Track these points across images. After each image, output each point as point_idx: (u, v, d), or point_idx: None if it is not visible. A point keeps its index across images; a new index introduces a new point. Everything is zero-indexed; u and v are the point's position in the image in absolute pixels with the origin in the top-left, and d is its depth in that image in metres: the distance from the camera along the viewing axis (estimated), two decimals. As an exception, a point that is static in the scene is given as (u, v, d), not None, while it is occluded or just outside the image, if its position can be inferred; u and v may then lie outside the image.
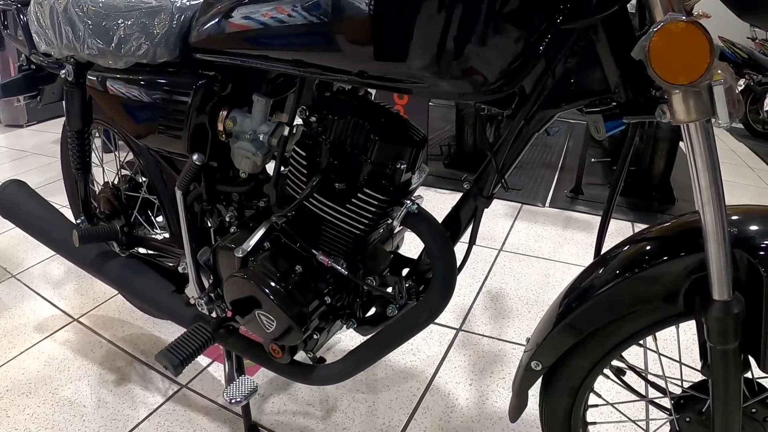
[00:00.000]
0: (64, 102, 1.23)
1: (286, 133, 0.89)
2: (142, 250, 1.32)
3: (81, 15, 1.03)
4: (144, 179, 1.38)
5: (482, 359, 1.50)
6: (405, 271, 1.00)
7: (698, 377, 0.86)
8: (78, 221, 1.33)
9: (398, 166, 0.82)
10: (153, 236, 1.31)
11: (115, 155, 1.40)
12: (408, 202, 0.85)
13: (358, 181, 0.83)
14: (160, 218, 1.43)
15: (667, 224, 0.84)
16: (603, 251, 0.90)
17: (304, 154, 0.85)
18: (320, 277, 0.94)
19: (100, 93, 1.07)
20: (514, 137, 0.78)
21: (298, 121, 0.90)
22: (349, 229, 0.87)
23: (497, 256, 2.08)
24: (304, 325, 0.91)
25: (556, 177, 3.05)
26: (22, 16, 1.24)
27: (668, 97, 0.63)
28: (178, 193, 0.97)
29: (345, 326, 1.01)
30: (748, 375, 0.79)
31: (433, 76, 0.70)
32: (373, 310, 1.02)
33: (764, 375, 0.77)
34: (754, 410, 0.80)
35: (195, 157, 0.92)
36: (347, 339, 1.55)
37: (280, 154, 0.90)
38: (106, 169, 1.49)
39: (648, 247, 0.82)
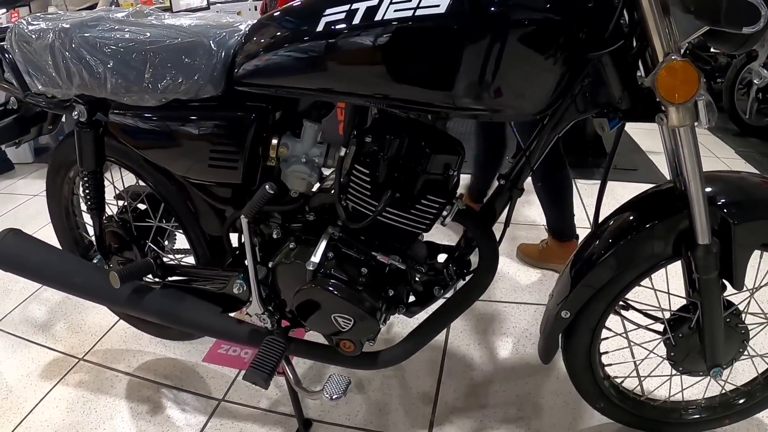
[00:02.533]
0: (76, 142, 1.25)
1: (342, 153, 1.02)
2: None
3: (95, 52, 1.07)
4: (143, 207, 1.43)
5: (481, 320, 1.75)
6: (441, 257, 1.19)
7: (677, 305, 1.16)
8: (95, 260, 1.36)
9: (450, 173, 1.00)
10: (183, 263, 1.38)
11: (115, 189, 1.43)
12: (456, 201, 1.04)
13: (419, 189, 1.00)
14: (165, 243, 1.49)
15: (648, 195, 1.12)
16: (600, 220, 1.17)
17: (367, 171, 1.00)
18: (381, 273, 1.11)
19: (130, 131, 1.13)
20: (542, 141, 1.00)
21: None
22: (410, 231, 1.05)
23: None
24: (378, 319, 1.08)
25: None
26: (7, 56, 1.22)
27: (666, 109, 0.89)
28: (245, 221, 1.07)
29: (397, 312, 1.19)
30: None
31: (487, 106, 0.89)
32: (412, 296, 1.21)
33: (732, 293, 1.07)
34: (728, 320, 1.11)
35: (267, 186, 1.03)
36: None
37: (338, 172, 1.04)
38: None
39: (638, 215, 1.09)
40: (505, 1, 0.83)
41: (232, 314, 1.31)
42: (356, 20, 0.88)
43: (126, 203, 1.41)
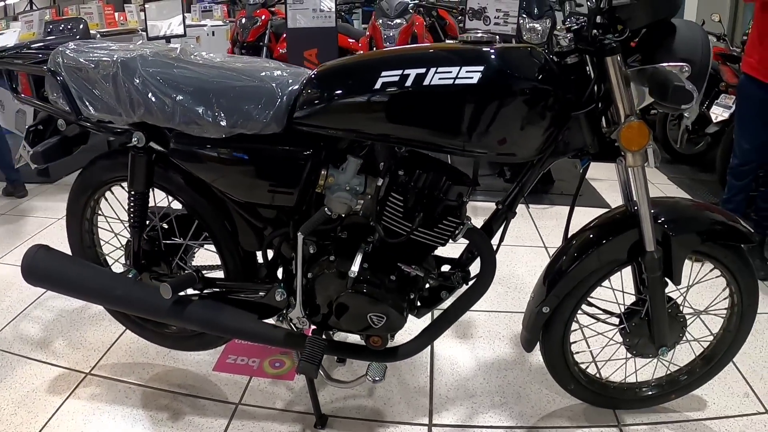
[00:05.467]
0: (129, 166, 1.50)
1: (380, 183, 1.38)
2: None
3: (165, 87, 1.35)
4: (164, 226, 1.69)
5: (461, 327, 2.13)
6: (445, 267, 1.57)
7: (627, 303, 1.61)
8: (130, 275, 1.61)
9: (464, 200, 1.39)
10: (219, 275, 1.65)
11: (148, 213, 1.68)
12: (467, 221, 1.43)
13: (441, 212, 1.37)
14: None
15: (606, 217, 1.57)
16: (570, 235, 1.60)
17: (401, 198, 1.36)
18: (405, 280, 1.47)
19: (193, 158, 1.41)
20: (532, 176, 1.42)
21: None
22: (431, 245, 1.42)
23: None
24: (406, 317, 1.44)
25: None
26: (58, 79, 1.43)
27: (624, 154, 1.32)
28: (301, 237, 1.39)
29: (410, 313, 1.55)
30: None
31: (497, 153, 1.30)
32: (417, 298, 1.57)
33: (672, 290, 1.54)
34: (669, 310, 1.57)
35: (326, 209, 1.36)
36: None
37: (375, 198, 1.39)
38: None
39: (599, 231, 1.53)
40: (518, 76, 1.24)
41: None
42: (408, 83, 1.25)
43: (156, 223, 1.66)
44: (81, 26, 3.34)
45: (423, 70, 1.24)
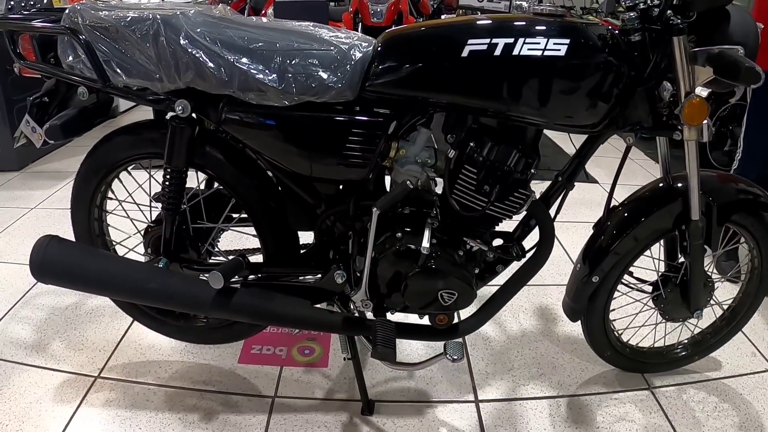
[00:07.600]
0: (168, 138, 1.35)
1: (451, 155, 1.35)
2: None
3: (219, 49, 1.23)
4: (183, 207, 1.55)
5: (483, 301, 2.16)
6: (497, 241, 1.58)
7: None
8: (160, 264, 1.47)
9: (532, 171, 1.39)
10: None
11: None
12: (532, 193, 1.43)
13: (512, 184, 1.37)
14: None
15: (645, 190, 1.64)
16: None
17: (475, 170, 1.34)
18: (470, 254, 1.46)
19: (254, 128, 1.31)
20: (592, 149, 1.45)
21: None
22: (498, 218, 1.41)
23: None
24: (475, 292, 1.43)
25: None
26: (81, 38, 1.26)
27: (682, 128, 1.37)
28: (376, 213, 1.32)
29: None
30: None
31: (568, 124, 1.32)
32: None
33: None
34: (701, 276, 1.67)
35: (409, 182, 1.31)
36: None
37: (447, 170, 1.36)
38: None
39: (643, 204, 1.60)
40: (599, 51, 1.25)
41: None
42: (497, 52, 1.22)
43: (186, 206, 1.52)
44: (45, 0, 3.03)
45: (511, 40, 1.22)
